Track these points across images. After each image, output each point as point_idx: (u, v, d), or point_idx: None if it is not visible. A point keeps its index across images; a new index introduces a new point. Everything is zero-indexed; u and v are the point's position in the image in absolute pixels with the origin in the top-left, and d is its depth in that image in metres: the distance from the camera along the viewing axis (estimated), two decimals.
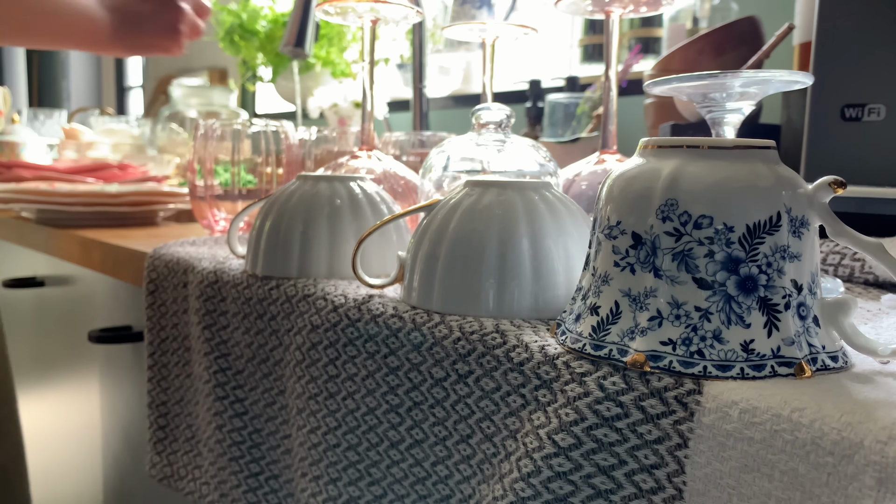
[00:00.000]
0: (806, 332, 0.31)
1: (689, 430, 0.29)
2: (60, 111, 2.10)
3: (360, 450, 0.45)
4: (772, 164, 0.32)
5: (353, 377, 0.45)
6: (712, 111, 0.41)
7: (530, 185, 0.43)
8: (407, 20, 0.68)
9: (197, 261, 0.61)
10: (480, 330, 0.38)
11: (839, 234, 0.31)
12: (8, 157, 1.58)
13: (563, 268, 0.41)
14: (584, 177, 0.61)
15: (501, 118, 0.57)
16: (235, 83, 2.09)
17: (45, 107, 2.97)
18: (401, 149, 0.92)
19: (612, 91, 0.62)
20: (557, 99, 1.21)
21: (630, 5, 0.60)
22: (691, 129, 0.85)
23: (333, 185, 0.54)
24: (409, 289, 0.44)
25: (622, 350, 0.32)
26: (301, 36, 1.11)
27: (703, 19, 1.05)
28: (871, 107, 0.58)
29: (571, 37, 1.50)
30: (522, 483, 0.33)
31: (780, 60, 1.00)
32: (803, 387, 0.28)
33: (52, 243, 0.93)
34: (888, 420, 0.25)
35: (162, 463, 0.66)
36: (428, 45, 1.22)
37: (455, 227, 0.42)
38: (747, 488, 0.27)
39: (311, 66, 1.64)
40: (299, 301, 0.49)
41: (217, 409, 0.56)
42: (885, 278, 0.49)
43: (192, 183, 0.81)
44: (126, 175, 1.26)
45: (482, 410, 0.38)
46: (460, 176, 0.57)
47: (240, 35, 1.61)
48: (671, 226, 0.31)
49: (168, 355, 0.65)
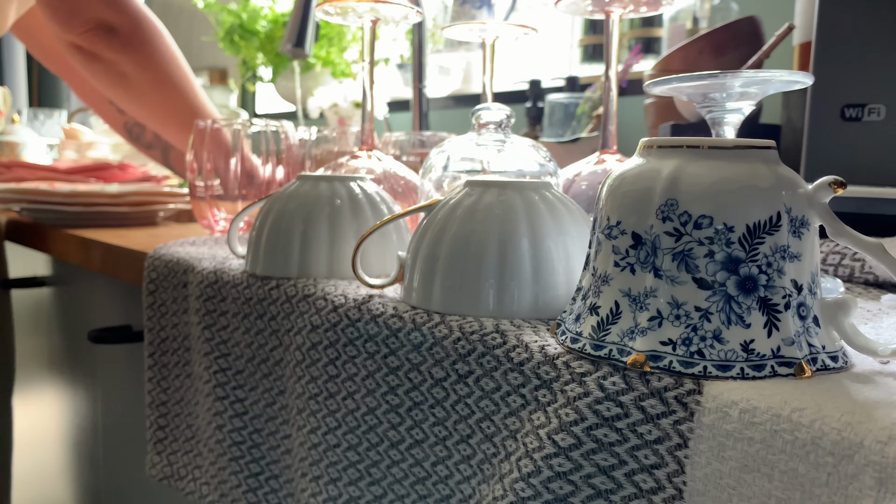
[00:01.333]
0: (806, 332, 0.31)
1: (689, 430, 0.29)
2: (60, 111, 2.10)
3: (360, 450, 0.45)
4: (772, 164, 0.32)
5: (353, 377, 0.45)
6: (712, 111, 0.41)
7: (530, 185, 0.43)
8: (407, 20, 0.68)
9: (197, 261, 0.61)
10: (480, 330, 0.38)
11: (839, 234, 0.31)
12: (8, 157, 1.58)
13: (563, 268, 0.41)
14: (584, 177, 0.61)
15: (501, 118, 0.57)
16: (235, 83, 2.09)
17: (45, 107, 2.97)
18: (401, 149, 0.92)
19: (612, 91, 0.62)
20: (557, 99, 1.21)
21: (630, 5, 0.60)
22: (691, 129, 0.85)
23: (333, 185, 0.54)
24: (409, 289, 0.44)
25: (622, 350, 0.32)
26: (301, 36, 1.11)
27: (703, 19, 1.05)
28: (871, 107, 0.58)
29: (571, 37, 1.50)
30: (522, 483, 0.33)
31: (780, 60, 1.00)
32: (803, 387, 0.28)
33: (52, 243, 0.93)
34: (888, 420, 0.25)
35: (162, 463, 0.66)
36: (428, 45, 1.22)
37: (455, 227, 0.42)
38: (747, 488, 0.27)
39: (311, 66, 1.64)
40: (299, 301, 0.49)
41: (217, 409, 0.56)
42: (885, 278, 0.49)
43: (192, 183, 0.81)
44: (126, 175, 1.26)
45: (482, 410, 0.38)
46: (460, 176, 0.57)
47: (240, 35, 1.61)
48: (671, 226, 0.31)
49: (168, 355, 0.65)
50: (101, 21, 0.90)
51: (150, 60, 0.94)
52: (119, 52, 0.93)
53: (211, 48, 2.20)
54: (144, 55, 0.94)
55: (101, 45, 0.92)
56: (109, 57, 0.93)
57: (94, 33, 0.91)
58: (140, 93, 0.96)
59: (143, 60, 0.94)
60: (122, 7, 0.92)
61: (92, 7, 0.90)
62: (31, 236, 0.99)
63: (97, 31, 0.91)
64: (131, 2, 0.93)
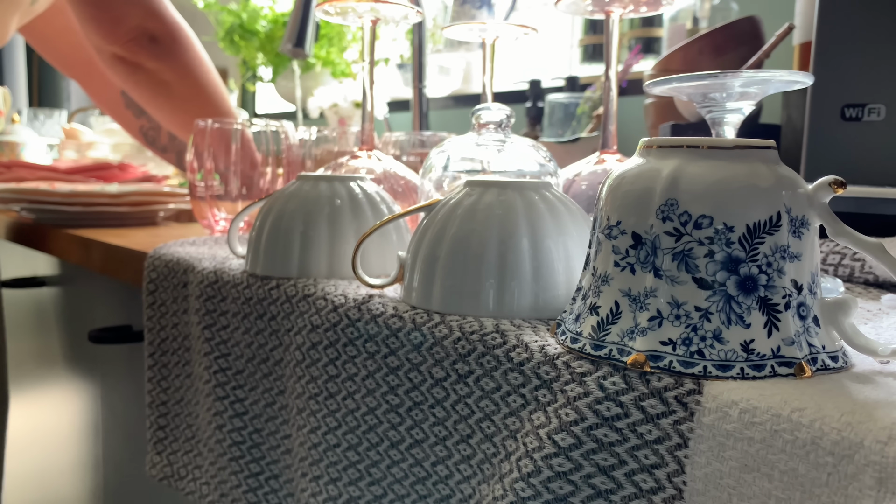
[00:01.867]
0: (806, 332, 0.31)
1: (689, 430, 0.29)
2: (60, 111, 2.10)
3: (360, 450, 0.45)
4: (772, 164, 0.32)
5: (353, 377, 0.45)
6: (712, 111, 0.41)
7: (530, 185, 0.43)
8: (407, 20, 0.68)
9: (197, 261, 0.61)
10: (480, 330, 0.38)
11: (839, 234, 0.31)
12: (8, 157, 1.58)
13: (563, 268, 0.41)
14: (584, 177, 0.61)
15: (501, 118, 0.57)
16: (235, 83, 2.09)
17: (45, 107, 2.97)
18: (401, 149, 0.92)
19: (612, 91, 0.62)
20: (557, 99, 1.21)
21: (630, 5, 0.60)
22: (691, 129, 0.85)
23: (333, 185, 0.54)
24: (409, 289, 0.44)
25: (622, 350, 0.32)
26: (301, 36, 1.11)
27: (703, 19, 1.05)
28: (871, 107, 0.58)
29: (571, 37, 1.50)
30: (522, 483, 0.33)
31: (780, 60, 1.00)
32: (803, 387, 0.28)
33: (52, 243, 0.93)
34: (888, 420, 0.25)
35: (162, 463, 0.66)
36: (428, 45, 1.22)
37: (455, 227, 0.42)
38: (747, 488, 0.27)
39: (311, 66, 1.64)
40: (299, 301, 0.49)
41: (217, 408, 0.56)
42: (885, 278, 0.49)
43: (192, 183, 0.81)
44: (126, 175, 1.26)
45: (482, 410, 0.38)
46: (460, 176, 0.57)
47: (240, 35, 1.61)
48: (671, 226, 0.31)
49: (168, 355, 0.65)
50: (143, 30, 0.92)
51: (189, 68, 0.96)
52: (161, 61, 0.94)
53: (211, 48, 2.20)
54: (184, 63, 0.96)
55: (143, 54, 0.93)
56: (152, 66, 0.94)
57: (136, 43, 0.92)
58: (181, 100, 0.98)
59: (183, 68, 0.96)
60: (163, 16, 0.94)
61: (135, 17, 0.91)
62: (31, 236, 0.99)
63: (140, 41, 0.92)
64: (169, 10, 0.95)
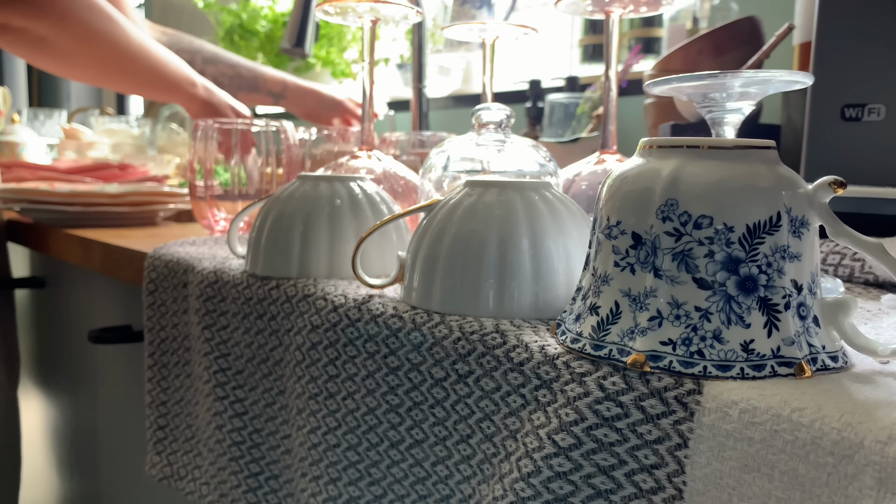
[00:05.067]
0: (806, 332, 0.31)
1: (689, 430, 0.29)
2: (60, 111, 2.10)
3: (360, 450, 0.45)
4: (772, 164, 0.32)
5: (353, 377, 0.45)
6: (712, 111, 0.41)
7: (530, 185, 0.43)
8: (407, 20, 0.68)
9: (197, 261, 0.61)
10: (480, 330, 0.38)
11: (839, 234, 0.31)
12: (8, 157, 1.58)
13: (563, 268, 0.41)
14: (584, 177, 0.61)
15: (501, 118, 0.57)
16: None
17: (45, 107, 2.97)
18: (401, 149, 0.92)
19: (612, 91, 0.62)
20: (557, 99, 1.21)
21: (630, 5, 0.60)
22: (691, 129, 0.85)
23: (333, 185, 0.54)
24: (409, 289, 0.44)
25: (622, 350, 0.32)
26: (301, 36, 1.11)
27: (703, 19, 1.05)
28: (871, 107, 0.58)
29: (571, 37, 1.50)
30: (522, 483, 0.33)
31: (780, 60, 1.00)
32: (803, 387, 0.28)
33: (52, 243, 0.93)
34: (888, 420, 0.25)
35: (162, 463, 0.66)
36: (428, 45, 1.22)
37: (455, 227, 0.42)
38: (747, 488, 0.27)
39: (311, 66, 1.64)
40: (299, 301, 0.49)
41: (217, 409, 0.56)
42: (885, 278, 0.49)
43: (192, 183, 0.81)
44: (126, 175, 1.26)
45: (482, 410, 0.38)
46: (460, 176, 0.57)
47: (240, 35, 1.61)
48: (671, 226, 0.31)
49: (168, 355, 0.65)
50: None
51: (66, 19, 0.87)
52: (27, 18, 0.85)
53: None
54: (58, 15, 0.86)
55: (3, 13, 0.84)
56: (19, 24, 0.86)
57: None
58: (65, 54, 0.89)
59: (58, 21, 0.86)
60: None
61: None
62: (31, 236, 0.99)
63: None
64: None
